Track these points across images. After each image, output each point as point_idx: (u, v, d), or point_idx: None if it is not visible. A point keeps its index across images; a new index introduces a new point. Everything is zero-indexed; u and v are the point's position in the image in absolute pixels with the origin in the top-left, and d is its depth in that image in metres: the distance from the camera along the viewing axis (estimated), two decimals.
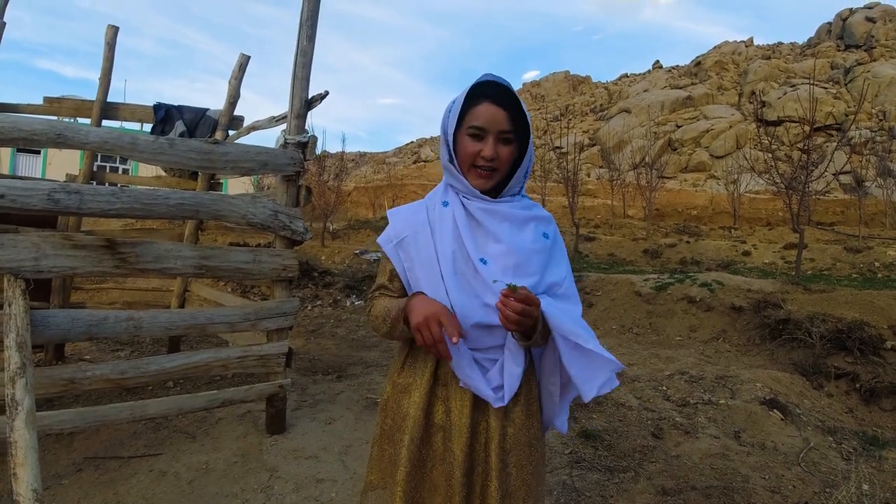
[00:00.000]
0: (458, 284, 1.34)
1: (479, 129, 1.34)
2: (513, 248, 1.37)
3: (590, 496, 2.93)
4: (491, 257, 1.37)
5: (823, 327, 5.24)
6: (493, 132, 1.34)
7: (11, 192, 2.50)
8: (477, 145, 1.35)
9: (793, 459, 3.40)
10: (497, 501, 1.31)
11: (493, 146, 1.35)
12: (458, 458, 1.32)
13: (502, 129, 1.35)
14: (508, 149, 1.37)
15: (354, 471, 3.13)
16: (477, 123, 1.34)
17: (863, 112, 35.33)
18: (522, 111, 1.37)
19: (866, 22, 46.80)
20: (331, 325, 7.50)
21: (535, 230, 1.43)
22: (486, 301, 1.33)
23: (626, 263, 12.87)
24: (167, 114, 5.18)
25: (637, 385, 4.65)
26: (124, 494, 2.83)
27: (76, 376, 2.84)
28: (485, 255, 1.37)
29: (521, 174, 1.43)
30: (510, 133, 1.36)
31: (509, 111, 1.35)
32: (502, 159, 1.37)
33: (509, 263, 1.36)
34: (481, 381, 1.33)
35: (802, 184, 7.97)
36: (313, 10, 3.57)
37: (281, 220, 3.46)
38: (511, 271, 1.35)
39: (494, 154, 1.35)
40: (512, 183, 1.43)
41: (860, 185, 18.28)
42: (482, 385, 1.33)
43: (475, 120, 1.35)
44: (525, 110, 1.38)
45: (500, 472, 1.33)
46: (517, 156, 1.41)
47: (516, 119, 1.36)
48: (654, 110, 43.03)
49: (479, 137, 1.35)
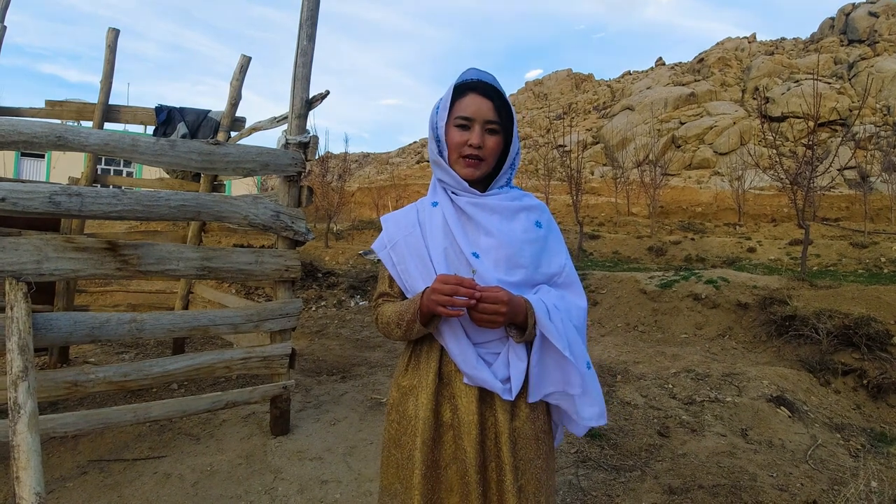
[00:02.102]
0: None
1: (466, 120, 1.38)
2: (503, 240, 1.38)
3: (596, 495, 2.91)
4: (482, 251, 1.38)
5: (830, 323, 5.20)
6: (479, 122, 1.38)
7: (13, 196, 2.50)
8: (464, 135, 1.38)
9: (800, 457, 3.37)
10: (514, 495, 1.31)
11: (480, 135, 1.38)
12: (471, 456, 1.32)
13: (488, 119, 1.38)
14: (495, 139, 1.40)
15: (359, 472, 3.12)
16: (463, 114, 1.38)
17: (867, 107, 35.18)
18: (507, 103, 1.42)
19: (869, 17, 46.59)
20: (335, 326, 7.49)
21: (527, 220, 1.44)
22: None
23: (630, 261, 12.84)
24: (169, 116, 5.19)
25: (643, 383, 4.63)
26: (129, 497, 2.83)
27: (79, 379, 2.83)
28: (476, 248, 1.38)
29: (507, 166, 1.45)
30: (496, 124, 1.39)
31: (494, 102, 1.39)
32: (489, 148, 1.40)
33: (500, 256, 1.37)
34: (488, 373, 1.33)
35: (807, 179, 7.93)
36: (313, 10, 3.56)
37: (283, 221, 3.45)
38: (503, 264, 1.36)
39: (481, 142, 1.38)
40: (499, 175, 1.45)
41: (865, 181, 18.19)
42: (490, 378, 1.32)
43: (462, 111, 1.39)
44: (509, 102, 1.42)
45: (513, 466, 1.32)
46: (503, 148, 1.44)
47: (501, 111, 1.40)
48: (657, 107, 42.93)
49: (466, 128, 1.39)
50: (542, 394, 1.38)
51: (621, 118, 44.43)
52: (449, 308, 1.23)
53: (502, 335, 1.36)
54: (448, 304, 1.23)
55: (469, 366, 1.33)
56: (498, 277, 1.34)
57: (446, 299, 1.23)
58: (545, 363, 1.35)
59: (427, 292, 1.29)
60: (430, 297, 1.27)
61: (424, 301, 1.30)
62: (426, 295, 1.29)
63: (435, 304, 1.25)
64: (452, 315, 1.24)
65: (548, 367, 1.36)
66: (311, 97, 3.64)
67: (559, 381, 1.36)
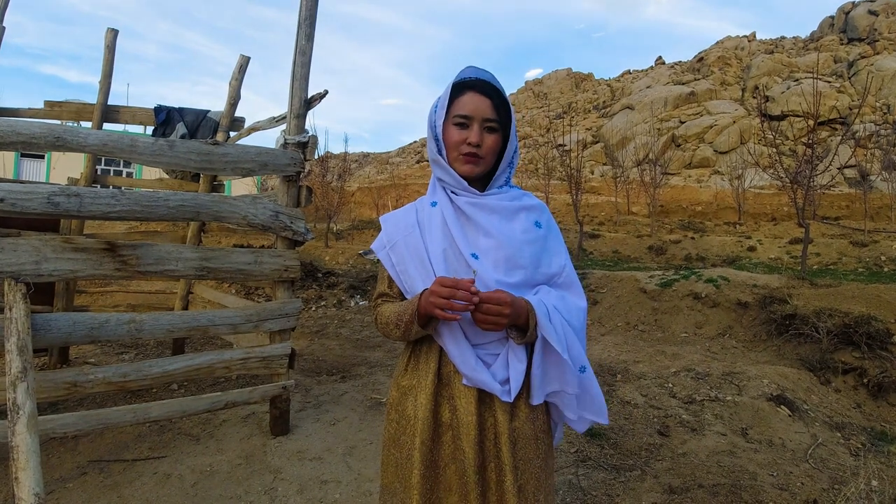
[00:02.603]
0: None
1: (465, 118, 1.37)
2: (502, 241, 1.37)
3: (596, 495, 2.90)
4: (482, 251, 1.37)
5: (830, 322, 5.19)
6: (477, 120, 1.37)
7: (11, 196, 2.50)
8: (463, 133, 1.38)
9: (801, 456, 3.37)
10: (514, 496, 1.31)
11: (479, 133, 1.37)
12: (469, 456, 1.31)
13: (487, 118, 1.38)
14: (493, 137, 1.40)
15: (359, 472, 3.11)
16: (462, 112, 1.38)
17: (867, 106, 35.16)
18: (506, 101, 1.41)
19: (869, 15, 46.55)
20: (335, 326, 7.49)
21: (526, 220, 1.43)
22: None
23: (630, 260, 12.84)
24: (168, 116, 5.18)
25: (643, 382, 4.63)
26: (128, 497, 2.83)
27: (78, 380, 2.83)
28: (476, 249, 1.37)
29: (505, 164, 1.44)
30: (494, 122, 1.39)
31: (493, 101, 1.39)
32: (487, 147, 1.39)
33: (500, 257, 1.36)
34: (487, 375, 1.32)
35: (807, 178, 7.93)
36: (311, 9, 3.56)
37: (282, 221, 3.45)
38: (502, 265, 1.36)
39: (480, 140, 1.37)
40: (497, 173, 1.44)
41: (865, 179, 18.19)
42: (489, 379, 1.32)
43: (460, 109, 1.38)
44: (508, 101, 1.42)
45: (513, 466, 1.32)
46: (502, 147, 1.43)
47: (500, 109, 1.39)
48: (657, 106, 42.90)
49: (465, 126, 1.38)
50: (545, 394, 1.38)
51: (621, 117, 44.40)
52: (447, 311, 1.23)
53: (501, 337, 1.36)
54: (446, 307, 1.22)
55: (468, 367, 1.33)
56: (497, 278, 1.34)
57: (444, 302, 1.22)
58: (547, 364, 1.35)
59: (425, 294, 1.29)
60: (427, 300, 1.27)
61: (422, 303, 1.29)
62: (424, 297, 1.29)
63: (433, 306, 1.25)
64: (449, 319, 1.23)
65: (549, 369, 1.35)
66: (310, 97, 3.64)
67: (559, 382, 1.37)
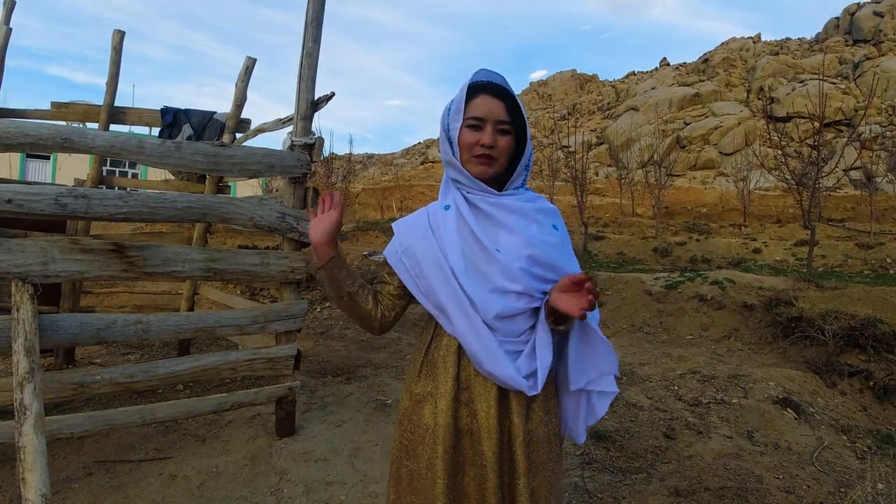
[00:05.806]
0: (471, 280, 1.34)
1: (478, 120, 1.37)
2: (526, 239, 1.38)
3: (602, 498, 2.90)
4: (503, 247, 1.37)
5: (836, 324, 5.17)
6: (491, 122, 1.37)
7: (19, 197, 2.50)
8: (476, 135, 1.38)
9: (807, 459, 3.36)
10: (527, 499, 1.31)
11: (492, 135, 1.37)
12: (491, 461, 1.31)
13: (500, 119, 1.37)
14: (506, 139, 1.39)
15: (364, 473, 3.12)
16: (475, 114, 1.37)
17: (872, 107, 35.05)
18: (518, 104, 1.41)
19: (874, 16, 46.42)
20: (340, 327, 7.49)
21: (544, 222, 1.44)
22: (505, 289, 1.34)
23: (635, 262, 12.80)
24: (175, 117, 5.20)
25: (648, 385, 4.62)
26: (134, 498, 2.83)
27: (85, 380, 2.84)
28: (497, 244, 1.38)
29: (521, 167, 1.44)
30: (507, 124, 1.39)
31: (506, 103, 1.39)
32: (500, 148, 1.39)
33: (523, 254, 1.36)
34: (513, 369, 1.32)
35: (813, 180, 7.90)
36: (318, 11, 3.56)
37: (288, 222, 3.45)
38: (525, 262, 1.36)
39: (493, 141, 1.37)
40: (514, 176, 1.44)
41: (871, 181, 18.12)
42: (515, 374, 1.31)
43: (474, 111, 1.38)
44: (520, 103, 1.42)
45: (527, 468, 1.32)
46: (515, 149, 1.43)
47: (513, 112, 1.39)
48: (661, 108, 42.86)
49: (478, 128, 1.38)
50: (585, 381, 1.40)
51: (626, 119, 44.36)
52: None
53: (527, 327, 1.37)
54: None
55: (493, 363, 1.31)
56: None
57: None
58: (583, 350, 1.37)
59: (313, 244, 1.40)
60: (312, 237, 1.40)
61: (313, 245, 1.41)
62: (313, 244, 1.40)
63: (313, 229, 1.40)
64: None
65: (585, 354, 1.38)
66: (317, 98, 3.64)
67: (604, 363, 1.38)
